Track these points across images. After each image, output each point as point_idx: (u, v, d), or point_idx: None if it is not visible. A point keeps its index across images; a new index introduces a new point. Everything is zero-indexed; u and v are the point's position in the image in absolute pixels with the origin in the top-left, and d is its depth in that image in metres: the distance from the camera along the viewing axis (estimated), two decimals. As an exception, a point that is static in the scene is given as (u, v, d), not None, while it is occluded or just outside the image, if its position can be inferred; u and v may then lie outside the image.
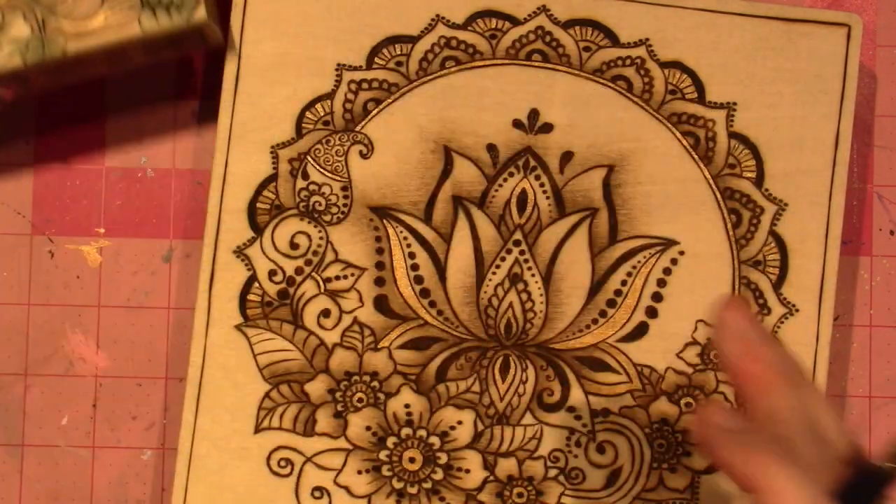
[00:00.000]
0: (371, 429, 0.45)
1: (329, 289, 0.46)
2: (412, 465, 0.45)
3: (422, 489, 0.45)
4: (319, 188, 0.46)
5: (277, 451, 0.45)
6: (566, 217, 0.46)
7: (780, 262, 0.45)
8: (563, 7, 0.46)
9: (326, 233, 0.46)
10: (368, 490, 0.45)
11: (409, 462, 0.45)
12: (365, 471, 0.45)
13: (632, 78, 0.46)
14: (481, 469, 0.45)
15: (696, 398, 0.45)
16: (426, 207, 0.46)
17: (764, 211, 0.46)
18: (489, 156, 0.46)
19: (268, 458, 0.45)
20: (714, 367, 0.45)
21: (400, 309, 0.46)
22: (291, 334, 0.46)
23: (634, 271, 0.46)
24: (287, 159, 0.46)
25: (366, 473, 0.45)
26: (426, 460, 0.45)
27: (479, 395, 0.45)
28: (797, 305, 0.45)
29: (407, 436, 0.45)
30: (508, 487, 0.45)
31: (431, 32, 0.47)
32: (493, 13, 0.47)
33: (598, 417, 0.45)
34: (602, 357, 0.45)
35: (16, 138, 0.50)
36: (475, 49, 0.46)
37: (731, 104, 0.46)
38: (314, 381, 0.46)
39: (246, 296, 0.46)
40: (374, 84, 0.46)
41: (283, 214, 0.46)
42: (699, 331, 0.45)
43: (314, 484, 0.45)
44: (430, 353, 0.46)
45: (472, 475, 0.45)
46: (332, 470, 0.45)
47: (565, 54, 0.46)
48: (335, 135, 0.46)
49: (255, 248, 0.46)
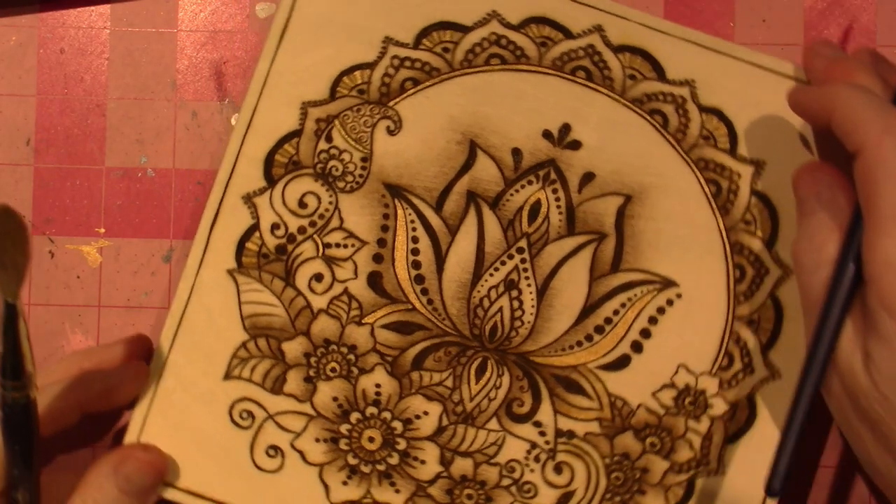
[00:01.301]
0: (338, 400, 0.45)
1: (327, 254, 0.46)
2: (370, 444, 0.45)
3: (375, 470, 0.45)
4: (340, 153, 0.46)
5: (242, 401, 0.45)
6: (574, 236, 0.46)
7: (774, 326, 0.45)
8: (618, 31, 0.46)
9: (337, 199, 0.46)
10: (323, 459, 0.45)
11: (367, 441, 0.45)
12: (323, 440, 0.45)
13: (669, 115, 0.46)
14: (437, 463, 0.45)
15: (663, 440, 0.45)
16: (439, 196, 0.46)
17: (769, 273, 0.46)
18: (513, 159, 0.46)
19: (231, 406, 0.45)
20: (686, 413, 0.45)
21: (392, 289, 0.46)
22: (280, 290, 0.46)
23: (629, 303, 0.46)
24: (315, 118, 0.46)
25: (323, 443, 0.45)
26: (385, 443, 0.45)
27: (450, 391, 0.45)
28: (781, 371, 0.45)
29: (371, 415, 0.45)
30: (460, 487, 0.45)
31: (484, 27, 0.47)
32: (548, 21, 0.47)
33: (562, 437, 0.45)
34: (579, 380, 0.46)
35: (16, 138, 0.50)
36: (523, 52, 0.46)
37: (761, 162, 0.46)
38: (292, 341, 0.45)
39: (244, 243, 0.46)
40: (417, 64, 0.46)
41: (298, 171, 0.46)
42: (679, 375, 0.45)
43: (271, 442, 0.45)
44: (411, 338, 0.46)
45: (427, 467, 0.45)
46: (292, 432, 0.45)
47: (609, 77, 0.46)
48: (367, 105, 0.46)
49: (264, 199, 0.46)
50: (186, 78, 0.50)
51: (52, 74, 0.51)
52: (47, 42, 0.51)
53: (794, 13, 0.50)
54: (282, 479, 0.45)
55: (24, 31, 0.51)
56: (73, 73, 0.51)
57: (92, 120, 0.50)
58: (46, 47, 0.51)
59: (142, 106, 0.50)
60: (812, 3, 0.50)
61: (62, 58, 0.51)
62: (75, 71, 0.51)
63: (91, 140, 0.50)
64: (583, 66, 0.46)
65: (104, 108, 0.50)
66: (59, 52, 0.51)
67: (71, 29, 0.51)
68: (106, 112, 0.50)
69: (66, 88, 0.50)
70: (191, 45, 0.51)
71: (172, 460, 0.45)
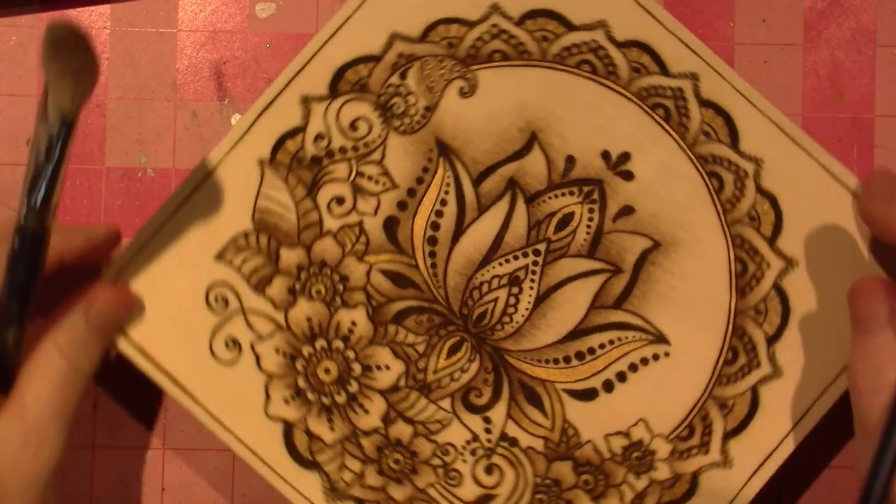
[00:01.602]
0: (311, 322, 0.45)
1: (357, 183, 0.46)
2: (325, 375, 0.45)
3: (319, 401, 0.45)
4: (407, 94, 0.46)
5: (223, 286, 0.45)
6: (592, 260, 0.46)
7: (744, 418, 0.45)
8: (712, 84, 0.46)
9: (387, 135, 0.46)
10: (274, 371, 0.45)
11: (323, 371, 0.45)
12: (283, 353, 0.45)
13: (726, 182, 0.46)
14: (379, 418, 0.45)
15: (597, 481, 0.45)
16: (483, 171, 0.46)
17: (758, 367, 0.46)
18: (564, 165, 0.46)
19: (211, 286, 0.45)
20: (629, 465, 0.45)
21: (403, 240, 0.46)
22: (300, 198, 0.46)
23: (618, 342, 0.46)
24: (398, 52, 0.46)
25: (282, 356, 0.45)
26: (339, 379, 0.45)
27: (418, 356, 0.45)
28: (734, 460, 0.45)
29: (337, 348, 0.45)
30: (391, 449, 0.45)
31: (593, 30, 0.47)
32: (646, 48, 0.47)
33: (504, 441, 0.45)
34: (542, 395, 0.45)
35: (16, 138, 0.50)
36: (616, 70, 0.47)
37: (794, 261, 0.46)
38: (292, 250, 0.45)
39: (285, 141, 0.46)
40: (514, 41, 0.47)
41: (362, 94, 0.46)
42: (637, 427, 0.45)
43: (234, 335, 0.45)
44: (402, 293, 0.46)
45: (369, 418, 0.45)
46: (257, 334, 0.45)
47: (684, 125, 0.46)
48: (451, 60, 0.46)
49: (321, 107, 0.46)
50: (186, 78, 0.50)
51: None
52: None
53: (794, 13, 0.50)
54: (229, 373, 0.45)
55: (24, 31, 0.51)
56: None
57: (92, 120, 0.50)
58: None
59: (142, 106, 0.50)
60: (812, 3, 0.50)
61: None
62: (75, 71, 0.51)
63: (91, 140, 0.50)
64: (663, 104, 0.46)
65: (104, 108, 0.50)
66: None
67: None
68: (106, 112, 0.50)
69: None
70: (191, 45, 0.51)
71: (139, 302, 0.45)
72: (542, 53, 0.47)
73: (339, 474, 0.45)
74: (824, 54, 0.51)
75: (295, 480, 0.45)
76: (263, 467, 0.45)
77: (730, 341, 0.46)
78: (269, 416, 0.45)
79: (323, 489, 0.45)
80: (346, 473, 0.45)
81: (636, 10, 0.46)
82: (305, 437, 0.45)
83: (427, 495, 0.45)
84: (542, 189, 0.46)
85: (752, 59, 0.50)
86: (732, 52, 0.51)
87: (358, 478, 0.45)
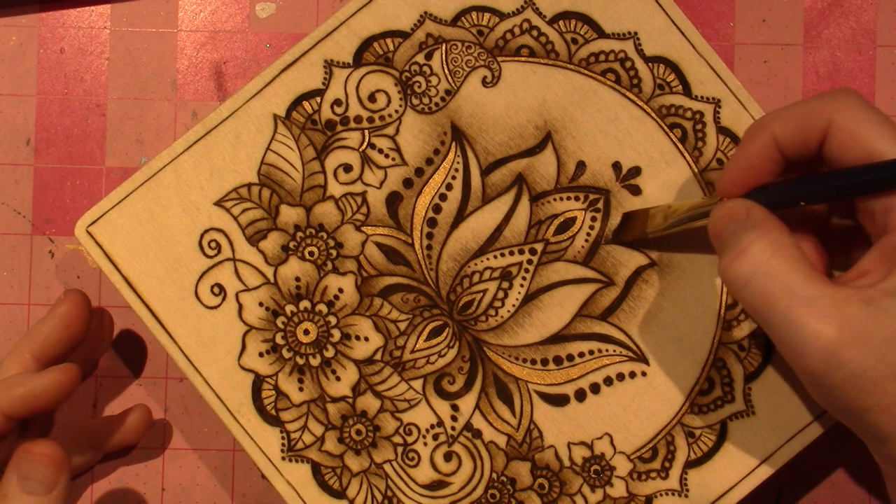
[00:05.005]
0: (299, 282, 0.46)
1: (367, 154, 0.46)
2: (304, 336, 0.46)
3: (294, 361, 0.45)
4: (429, 74, 0.46)
5: (218, 232, 0.46)
6: (586, 268, 0.46)
7: (708, 451, 0.45)
8: (732, 113, 0.46)
9: (404, 112, 0.46)
10: (255, 323, 0.45)
11: (303, 333, 0.46)
12: (266, 308, 0.46)
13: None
14: (349, 388, 0.45)
15: (551, 486, 0.45)
16: (493, 163, 0.46)
17: (731, 402, 0.45)
18: (574, 170, 0.46)
19: (206, 230, 0.46)
20: (586, 477, 0.45)
21: (403, 217, 0.46)
22: (308, 159, 0.46)
23: (598, 354, 0.46)
24: (427, 31, 0.46)
25: (265, 310, 0.45)
26: (316, 342, 0.45)
27: (399, 334, 0.46)
28: (691, 491, 0.45)
29: (320, 311, 0.46)
30: (355, 419, 0.45)
31: (623, 40, 0.46)
32: (673, 66, 0.46)
33: (468, 432, 0.45)
34: (513, 393, 0.45)
35: (16, 138, 0.51)
36: (640, 84, 0.46)
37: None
38: (292, 209, 0.46)
39: (303, 100, 0.46)
40: (542, 39, 0.46)
41: (386, 68, 0.46)
42: (602, 441, 0.45)
43: (220, 281, 0.46)
44: (393, 268, 0.46)
45: (339, 385, 0.45)
46: (243, 284, 0.46)
47: (699, 150, 0.46)
48: (479, 48, 0.46)
49: (342, 73, 0.46)
50: (186, 78, 0.51)
51: (52, 74, 0.51)
52: (47, 42, 0.51)
53: (794, 13, 0.50)
54: (208, 318, 0.45)
55: (24, 31, 0.51)
56: (73, 73, 0.51)
57: (92, 120, 0.51)
58: (46, 47, 0.51)
59: (142, 106, 0.51)
60: (812, 3, 0.49)
61: (62, 58, 0.51)
62: (75, 71, 0.51)
63: (91, 140, 0.51)
64: (680, 124, 0.46)
65: (104, 108, 0.51)
66: (59, 52, 0.51)
67: (71, 29, 0.51)
68: (106, 112, 0.51)
69: (66, 88, 0.51)
70: (191, 45, 0.51)
71: (128, 254, 0.45)
72: (570, 56, 0.46)
73: (300, 435, 0.45)
74: (824, 54, 0.50)
75: (254, 432, 0.45)
76: (226, 414, 0.45)
77: (708, 371, 0.45)
78: (241, 365, 0.45)
79: (280, 446, 0.45)
80: (307, 435, 0.45)
81: (669, 27, 0.46)
82: (273, 393, 0.45)
83: (382, 470, 0.45)
84: (549, 190, 0.46)
85: (752, 59, 0.50)
86: (732, 52, 0.50)
87: (318, 441, 0.45)
